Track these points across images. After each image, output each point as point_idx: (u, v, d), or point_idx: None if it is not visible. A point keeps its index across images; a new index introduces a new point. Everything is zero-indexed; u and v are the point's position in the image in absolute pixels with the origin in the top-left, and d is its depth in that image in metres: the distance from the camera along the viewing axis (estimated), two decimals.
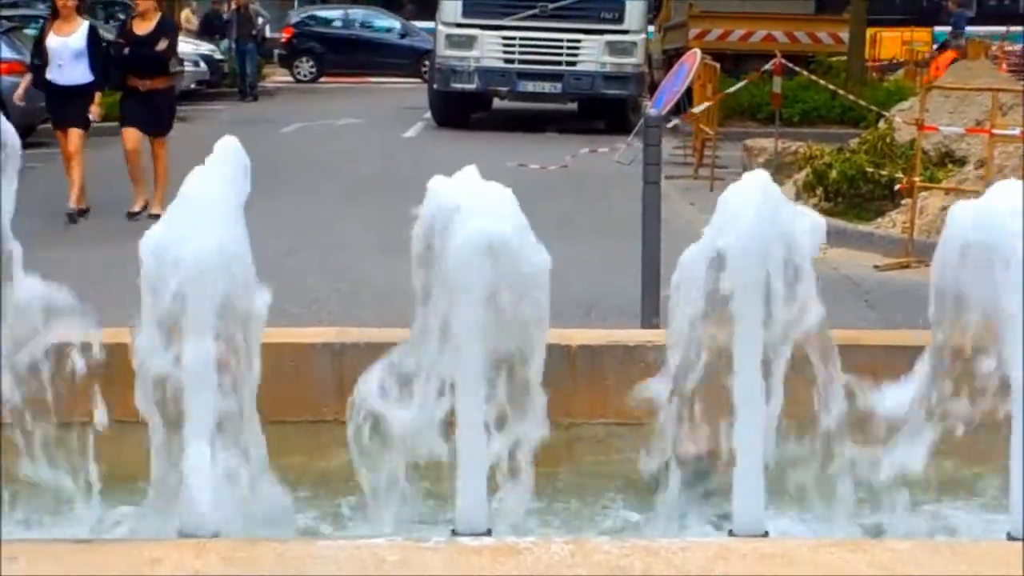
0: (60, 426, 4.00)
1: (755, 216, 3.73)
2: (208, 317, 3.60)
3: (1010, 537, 3.71)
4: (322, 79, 35.49)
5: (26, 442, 3.97)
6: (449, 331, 3.66)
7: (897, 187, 12.31)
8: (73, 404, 4.01)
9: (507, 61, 21.99)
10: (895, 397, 3.93)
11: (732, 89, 18.15)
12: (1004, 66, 25.33)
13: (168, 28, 13.16)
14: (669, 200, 11.16)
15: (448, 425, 3.76)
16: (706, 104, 16.83)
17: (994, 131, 11.51)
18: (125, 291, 3.82)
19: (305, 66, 36.19)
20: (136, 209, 12.76)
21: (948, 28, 31.32)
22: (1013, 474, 3.74)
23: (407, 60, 35.05)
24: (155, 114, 12.89)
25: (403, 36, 36.62)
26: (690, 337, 3.90)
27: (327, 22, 37.32)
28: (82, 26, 12.83)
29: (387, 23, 37.38)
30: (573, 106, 23.44)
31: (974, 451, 4.14)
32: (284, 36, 36.47)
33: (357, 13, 37.72)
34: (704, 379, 3.85)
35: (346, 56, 35.94)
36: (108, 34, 25.58)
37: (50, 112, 13.30)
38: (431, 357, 3.72)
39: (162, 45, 12.76)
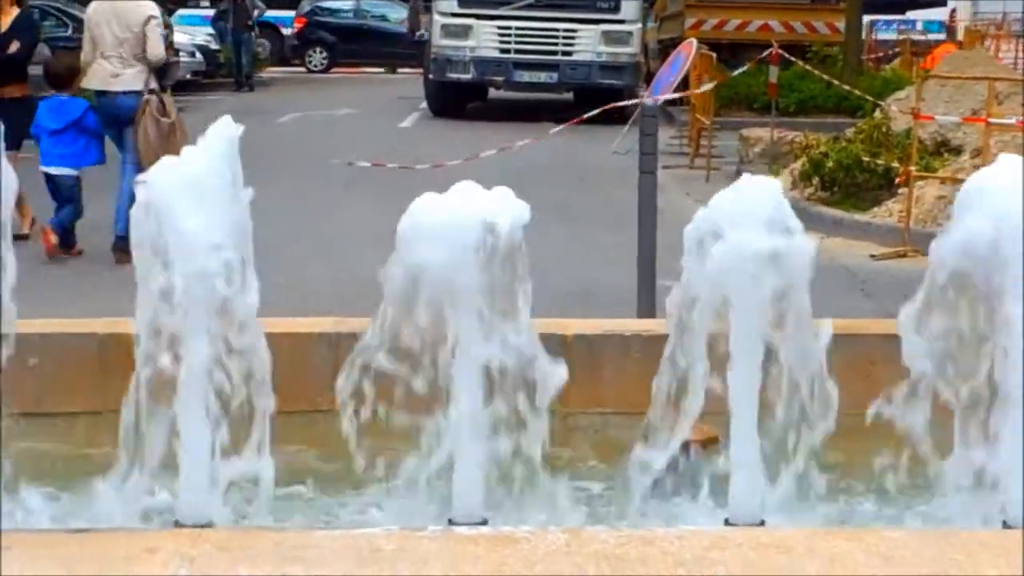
0: None
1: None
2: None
3: (1006, 525, 3.72)
4: (333, 69, 35.56)
5: None
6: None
7: (897, 180, 12.31)
8: None
9: (503, 51, 21.97)
10: None
11: (735, 73, 18.16)
12: (1000, 55, 25.37)
13: (26, 27, 11.45)
14: (665, 190, 11.17)
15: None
16: (711, 84, 16.80)
17: (990, 120, 11.52)
18: None
19: (317, 56, 36.24)
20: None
21: None
22: (1011, 463, 3.75)
23: (419, 51, 35.10)
24: (8, 127, 11.04)
25: None
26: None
27: (338, 12, 37.33)
28: None
29: (398, 13, 37.36)
30: (569, 96, 23.42)
31: None
32: (296, 27, 36.50)
33: (368, 3, 37.70)
34: None
35: (357, 46, 35.95)
36: None
37: None
38: None
39: (14, 47, 11.15)
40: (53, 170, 10.38)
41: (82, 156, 10.38)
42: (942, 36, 34.05)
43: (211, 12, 33.74)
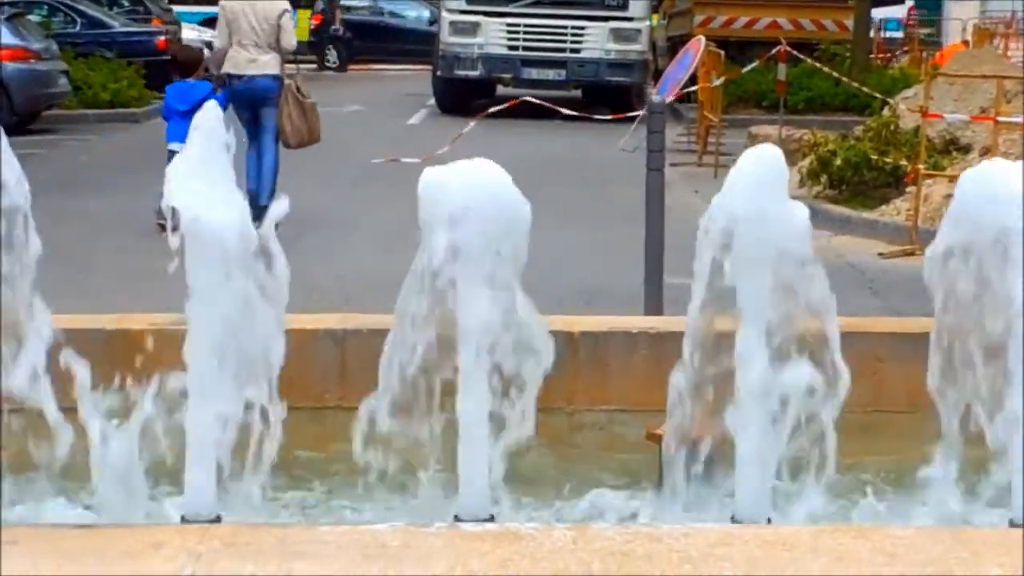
0: None
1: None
2: None
3: (1012, 524, 3.71)
4: (350, 66, 35.51)
5: None
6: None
7: (905, 178, 12.30)
8: None
9: (511, 48, 21.97)
10: None
11: (744, 71, 18.17)
12: (1008, 54, 25.31)
13: None
14: (673, 187, 11.15)
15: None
16: (719, 81, 16.78)
17: (998, 119, 11.50)
18: None
19: (332, 53, 36.18)
20: None
21: None
22: (1014, 462, 3.74)
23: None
24: None
25: (431, 23, 36.56)
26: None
27: (354, 9, 37.25)
28: None
29: (415, 11, 37.30)
30: (577, 93, 23.40)
31: None
32: (313, 23, 36.40)
33: (385, 0, 37.63)
34: None
35: (374, 43, 35.83)
36: (114, 22, 25.68)
37: None
38: None
39: None
40: (180, 147, 10.68)
41: None
42: (900, 34, 33.94)
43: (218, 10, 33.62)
